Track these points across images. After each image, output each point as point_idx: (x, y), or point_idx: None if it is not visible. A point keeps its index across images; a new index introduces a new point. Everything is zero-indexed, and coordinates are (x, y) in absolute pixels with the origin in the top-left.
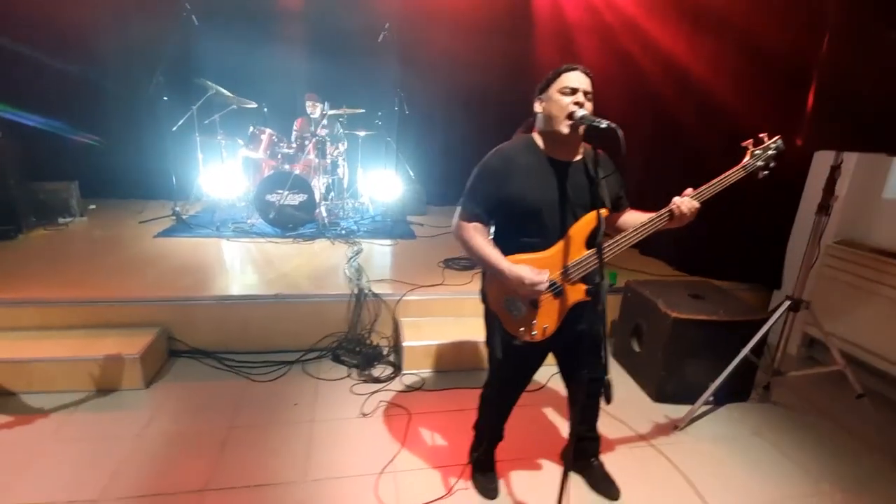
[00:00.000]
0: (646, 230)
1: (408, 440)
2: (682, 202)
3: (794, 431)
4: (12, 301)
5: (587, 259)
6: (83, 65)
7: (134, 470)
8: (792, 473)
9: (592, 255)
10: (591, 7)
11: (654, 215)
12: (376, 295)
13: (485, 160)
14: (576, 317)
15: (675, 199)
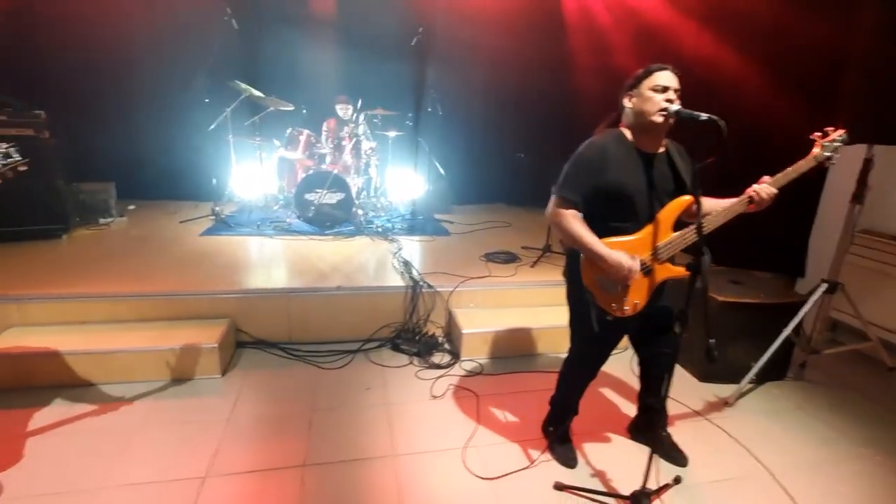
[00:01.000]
0: (728, 213)
1: (481, 419)
2: (761, 188)
3: (832, 405)
4: (83, 295)
5: (676, 240)
6: (124, 68)
7: (233, 449)
8: (836, 440)
9: (680, 236)
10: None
11: (736, 200)
12: (431, 286)
13: (581, 152)
14: (657, 294)
15: (754, 185)
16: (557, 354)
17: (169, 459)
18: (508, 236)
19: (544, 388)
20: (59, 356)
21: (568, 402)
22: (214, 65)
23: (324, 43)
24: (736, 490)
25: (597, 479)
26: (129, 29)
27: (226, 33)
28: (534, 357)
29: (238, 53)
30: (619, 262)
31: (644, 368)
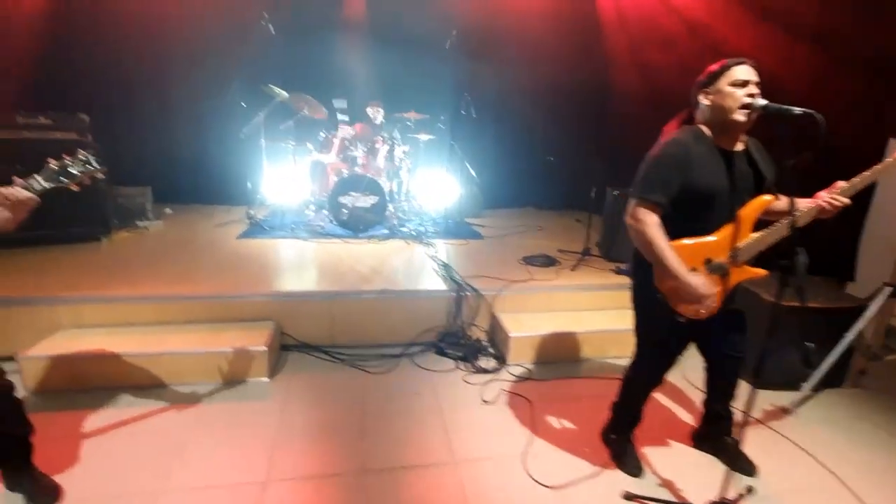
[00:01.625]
0: (810, 215)
1: (537, 425)
2: (834, 199)
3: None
4: (131, 297)
5: (758, 240)
6: (160, 73)
7: (289, 453)
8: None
9: (763, 235)
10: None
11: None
12: (475, 290)
13: (663, 150)
14: (729, 297)
15: (823, 193)
16: (605, 359)
17: (226, 463)
18: (542, 240)
19: (598, 395)
20: (111, 358)
21: (632, 410)
22: (250, 70)
23: (357, 47)
24: (811, 501)
25: (665, 488)
26: (167, 35)
27: (262, 38)
28: (581, 362)
29: (273, 58)
30: (696, 289)
31: (711, 373)
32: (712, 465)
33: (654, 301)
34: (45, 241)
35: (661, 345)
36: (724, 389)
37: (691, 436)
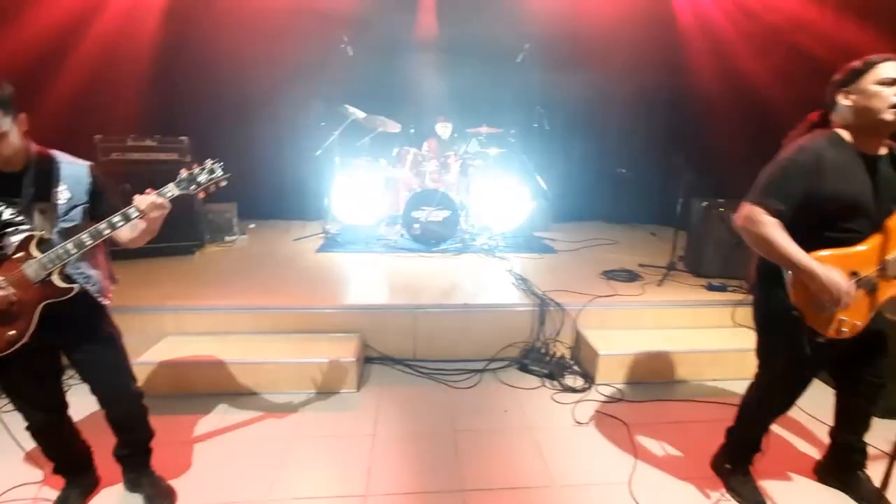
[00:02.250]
0: None
1: (639, 451)
2: None
3: None
4: (230, 307)
5: None
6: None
7: (386, 468)
8: None
9: None
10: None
11: None
12: (558, 305)
13: (791, 157)
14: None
15: None
16: (702, 381)
17: (326, 476)
18: (619, 254)
19: (700, 420)
20: (211, 365)
21: (752, 438)
22: (329, 90)
23: (430, 65)
24: None
25: None
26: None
27: (341, 60)
28: (676, 384)
29: (350, 78)
30: (833, 281)
31: (845, 401)
32: (841, 501)
33: (786, 319)
34: (147, 253)
35: (792, 368)
36: (859, 419)
37: (815, 469)
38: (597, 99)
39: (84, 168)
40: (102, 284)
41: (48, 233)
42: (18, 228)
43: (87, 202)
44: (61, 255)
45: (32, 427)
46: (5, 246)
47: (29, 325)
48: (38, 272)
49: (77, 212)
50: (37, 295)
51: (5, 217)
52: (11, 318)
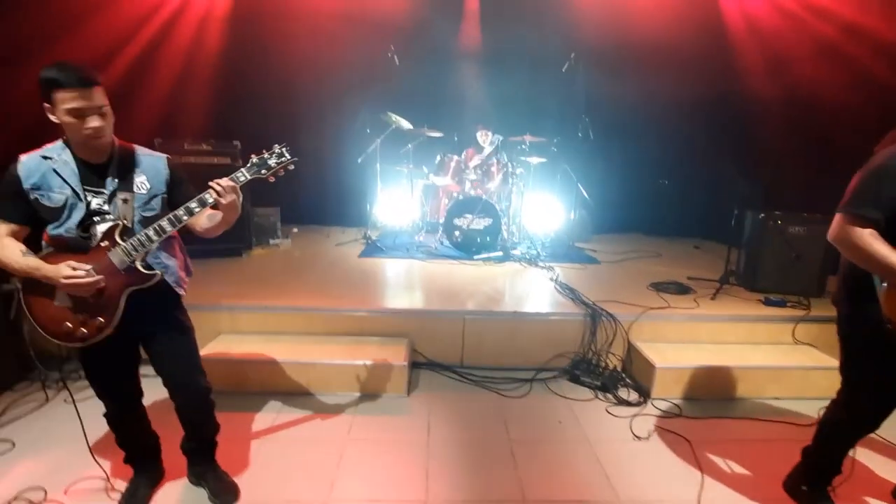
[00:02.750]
0: None
1: (704, 468)
2: None
3: None
4: (283, 307)
5: None
6: (294, 104)
7: (444, 474)
8: None
9: None
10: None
11: None
12: (611, 315)
13: (883, 163)
14: None
15: None
16: (763, 399)
17: (384, 479)
18: (665, 267)
19: (766, 439)
20: (266, 364)
21: (833, 459)
22: (374, 98)
23: (475, 74)
24: None
25: None
26: (303, 71)
27: (387, 69)
28: (736, 401)
29: (395, 86)
30: None
31: None
32: None
33: (878, 334)
34: (199, 255)
35: (883, 386)
36: None
37: (893, 493)
38: (641, 109)
39: (162, 160)
40: (179, 275)
41: (129, 222)
42: (104, 217)
43: (165, 192)
44: (143, 242)
45: (110, 414)
46: (92, 235)
47: (116, 312)
48: (122, 259)
49: (157, 201)
50: (122, 282)
51: (94, 206)
52: (100, 306)
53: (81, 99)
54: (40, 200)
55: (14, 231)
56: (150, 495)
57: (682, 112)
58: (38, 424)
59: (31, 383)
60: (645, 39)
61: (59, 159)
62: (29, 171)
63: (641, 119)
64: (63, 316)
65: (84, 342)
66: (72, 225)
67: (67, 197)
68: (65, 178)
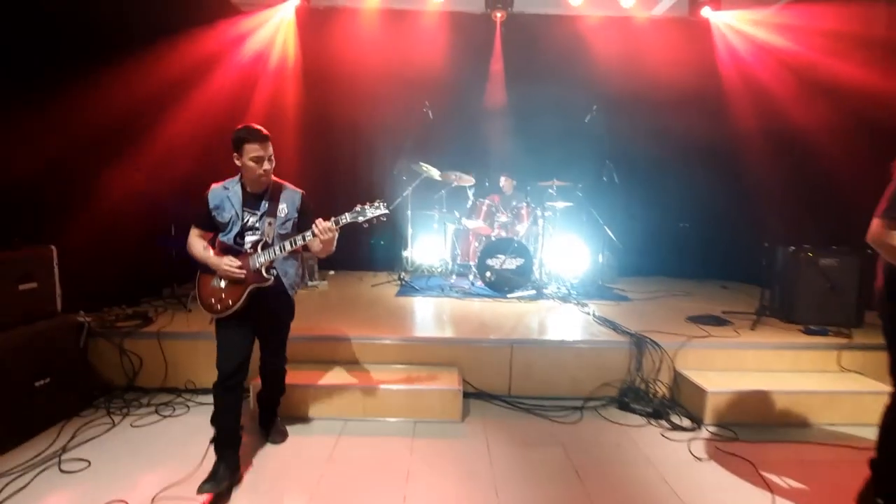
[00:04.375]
0: None
1: (773, 488)
2: None
3: None
4: (334, 337)
5: None
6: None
7: (513, 492)
8: None
9: None
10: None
11: None
12: (656, 343)
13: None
14: None
15: None
16: (819, 425)
17: (456, 492)
18: (698, 304)
19: (829, 461)
20: (323, 390)
21: None
22: (409, 148)
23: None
24: None
25: None
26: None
27: (422, 121)
28: (790, 427)
29: (429, 137)
30: None
31: None
32: None
33: None
34: None
35: None
36: None
37: None
38: (660, 154)
39: (298, 193)
40: (295, 280)
41: (270, 238)
42: (254, 232)
43: (296, 217)
44: (271, 254)
45: (218, 382)
46: (244, 243)
47: (241, 297)
48: (255, 264)
49: (289, 224)
50: (251, 279)
51: (249, 223)
52: (233, 291)
53: (261, 150)
54: (217, 217)
55: (201, 234)
56: (227, 476)
57: (698, 158)
58: (109, 445)
59: (96, 410)
60: (658, 90)
61: (233, 190)
62: (213, 196)
63: (661, 164)
64: (213, 293)
65: (217, 313)
66: (231, 236)
67: (232, 217)
68: (233, 203)
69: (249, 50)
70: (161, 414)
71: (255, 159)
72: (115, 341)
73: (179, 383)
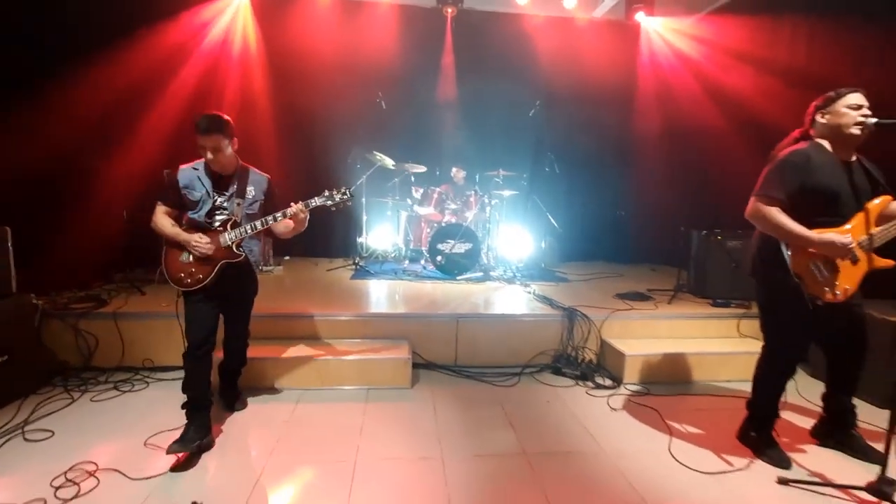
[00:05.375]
0: None
1: (672, 430)
2: None
3: None
4: (292, 315)
5: (886, 229)
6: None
7: (454, 438)
8: None
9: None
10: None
11: None
12: (585, 316)
13: (786, 158)
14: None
15: None
16: (717, 382)
17: (403, 443)
18: (627, 283)
19: (721, 408)
20: (282, 361)
21: (770, 405)
22: (363, 138)
23: (453, 117)
24: None
25: (815, 477)
26: (300, 112)
27: (375, 112)
28: (694, 383)
29: (382, 127)
30: (829, 239)
31: (837, 366)
32: (836, 457)
33: (789, 289)
34: None
35: (797, 332)
36: (851, 382)
37: (812, 433)
38: (597, 148)
39: (265, 178)
40: (258, 258)
41: (238, 218)
42: (223, 212)
43: (262, 199)
44: (241, 233)
45: (188, 353)
46: (213, 221)
47: (212, 273)
48: (226, 241)
49: (256, 205)
50: (221, 255)
51: (218, 202)
52: (203, 267)
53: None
54: (188, 195)
55: (167, 212)
56: (197, 441)
57: (632, 150)
58: (71, 418)
59: (54, 388)
60: (595, 87)
61: (202, 171)
62: (183, 175)
63: (598, 157)
64: (181, 268)
65: (187, 287)
66: (202, 213)
67: (202, 196)
68: (203, 183)
69: (204, 37)
70: (120, 389)
71: (202, 149)
72: (69, 322)
73: (137, 362)
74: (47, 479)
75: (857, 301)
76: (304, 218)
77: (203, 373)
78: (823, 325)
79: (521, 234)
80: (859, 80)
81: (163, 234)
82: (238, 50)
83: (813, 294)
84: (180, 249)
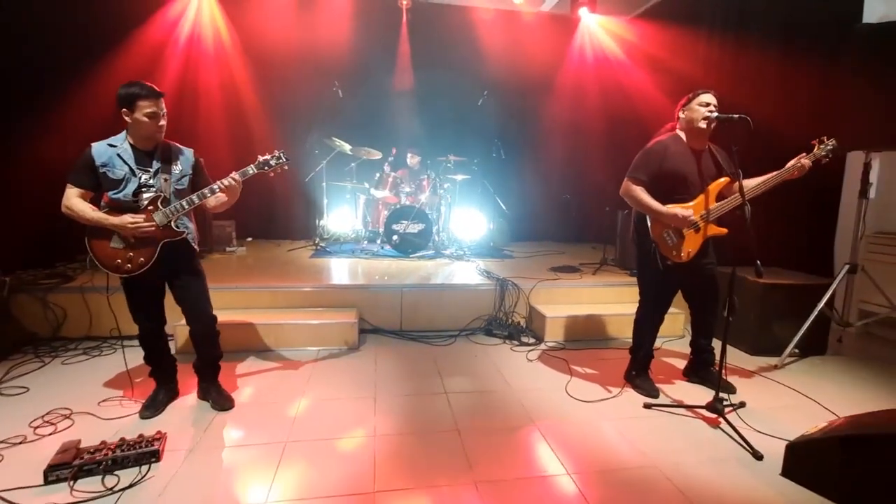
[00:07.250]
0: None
1: (573, 373)
2: None
3: (867, 368)
4: (250, 286)
5: (721, 205)
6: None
7: (388, 383)
8: (876, 392)
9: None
10: None
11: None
12: (516, 285)
13: (649, 148)
14: (703, 253)
15: None
16: (626, 338)
17: (343, 388)
18: (565, 259)
19: (621, 358)
20: (241, 327)
21: (645, 348)
22: (321, 125)
23: (407, 104)
24: (789, 414)
25: (674, 404)
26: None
27: (332, 100)
28: (606, 339)
29: (339, 114)
30: (674, 213)
31: (696, 315)
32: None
33: (650, 253)
34: None
35: (658, 287)
36: (708, 328)
37: (684, 372)
38: (542, 135)
39: (190, 151)
40: (195, 235)
41: (167, 194)
42: (149, 189)
43: (191, 174)
44: (177, 209)
45: (142, 333)
46: (140, 200)
47: (153, 255)
48: (162, 219)
49: (185, 180)
50: (160, 235)
51: (143, 180)
52: (142, 249)
53: (155, 106)
54: (108, 174)
55: (81, 194)
56: (167, 402)
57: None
58: (44, 378)
59: (24, 354)
60: (538, 78)
61: (122, 147)
62: (99, 153)
63: (543, 143)
64: (116, 255)
65: (128, 274)
66: (128, 192)
67: (126, 174)
68: (125, 160)
69: (164, 23)
70: (90, 355)
71: (149, 115)
72: (37, 295)
73: (104, 332)
74: (26, 422)
75: (710, 261)
76: (237, 188)
77: (161, 347)
78: (681, 281)
79: (472, 216)
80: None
81: (83, 220)
82: (196, 38)
83: (665, 256)
84: (107, 235)
